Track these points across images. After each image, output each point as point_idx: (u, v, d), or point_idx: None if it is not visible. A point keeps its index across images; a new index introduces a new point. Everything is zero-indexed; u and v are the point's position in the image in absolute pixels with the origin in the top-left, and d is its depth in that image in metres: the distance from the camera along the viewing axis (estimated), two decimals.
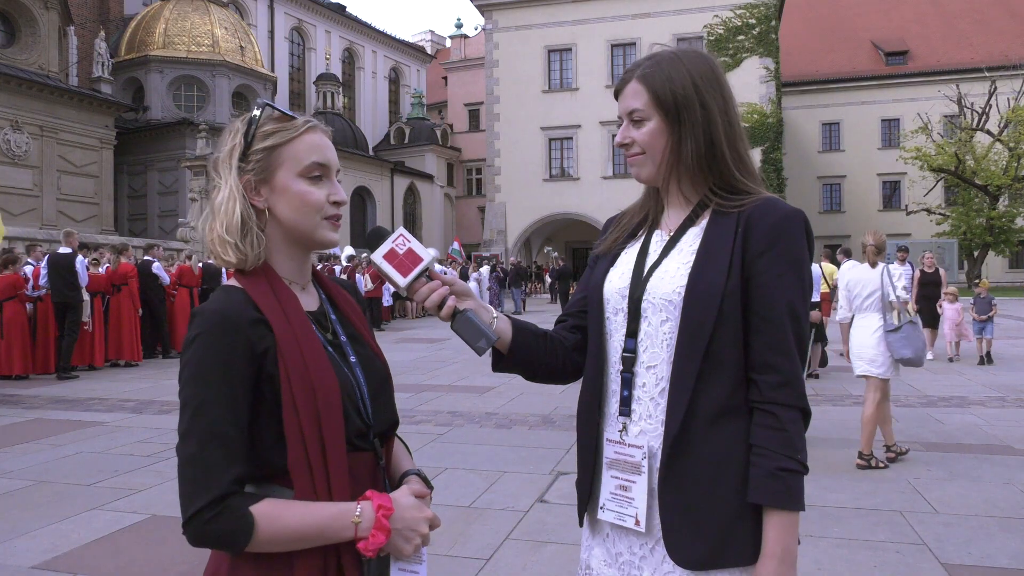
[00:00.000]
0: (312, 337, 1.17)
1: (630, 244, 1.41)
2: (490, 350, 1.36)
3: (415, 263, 1.27)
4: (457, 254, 25.57)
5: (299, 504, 1.11)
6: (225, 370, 1.09)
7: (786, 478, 1.19)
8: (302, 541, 1.10)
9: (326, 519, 1.11)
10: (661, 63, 1.32)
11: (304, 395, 1.11)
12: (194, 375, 1.09)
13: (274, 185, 1.20)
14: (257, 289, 1.17)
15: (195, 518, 1.05)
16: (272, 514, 1.08)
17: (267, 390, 1.12)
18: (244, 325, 1.12)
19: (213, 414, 1.08)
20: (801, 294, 1.25)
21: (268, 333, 1.13)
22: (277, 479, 1.13)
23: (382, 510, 1.14)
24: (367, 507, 1.14)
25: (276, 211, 1.20)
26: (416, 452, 5.78)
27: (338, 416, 1.14)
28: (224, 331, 1.10)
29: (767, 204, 1.27)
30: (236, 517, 1.06)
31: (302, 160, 1.20)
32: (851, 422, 6.70)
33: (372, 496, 1.16)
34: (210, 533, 1.06)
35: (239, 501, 1.07)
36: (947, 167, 32.63)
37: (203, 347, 1.10)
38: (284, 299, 1.18)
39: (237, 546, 1.07)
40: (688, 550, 1.21)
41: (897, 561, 3.58)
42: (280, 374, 1.11)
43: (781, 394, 1.22)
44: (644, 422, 1.29)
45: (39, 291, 10.44)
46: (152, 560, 3.71)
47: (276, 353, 1.12)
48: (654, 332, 1.29)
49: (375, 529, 1.13)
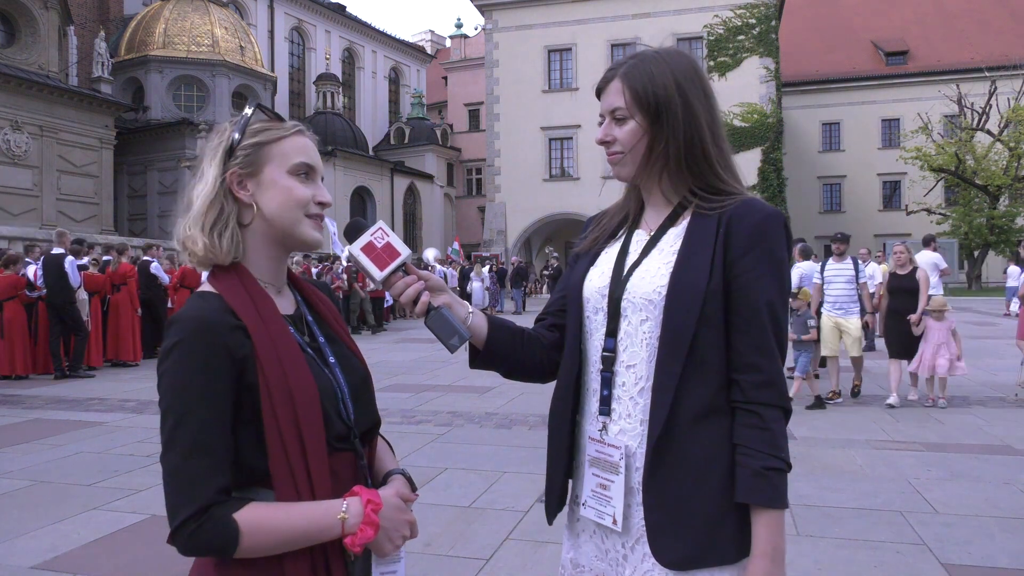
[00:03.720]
0: (290, 342, 1.17)
1: (610, 243, 1.41)
2: (467, 347, 1.37)
3: (392, 257, 1.27)
4: (456, 254, 25.57)
5: (283, 506, 1.10)
6: (206, 378, 1.08)
7: (772, 477, 1.20)
8: (289, 543, 1.10)
9: (311, 519, 1.11)
10: (644, 62, 1.32)
11: (283, 401, 1.11)
12: (175, 384, 1.09)
13: (261, 179, 1.20)
14: (233, 294, 1.16)
15: (181, 529, 1.06)
16: (256, 519, 1.08)
17: (246, 398, 1.11)
18: (223, 332, 1.11)
19: (196, 424, 1.07)
20: (781, 294, 1.26)
21: (247, 340, 1.12)
22: (259, 482, 1.13)
23: (371, 505, 1.14)
24: (354, 503, 1.14)
25: (261, 205, 1.20)
26: (416, 452, 5.78)
27: (318, 420, 1.14)
28: (204, 338, 1.10)
29: (748, 205, 1.28)
30: (220, 526, 1.06)
31: (291, 158, 1.21)
32: (851, 422, 6.71)
33: (360, 491, 1.16)
34: (197, 543, 1.06)
35: (223, 510, 1.07)
36: (947, 167, 32.66)
37: (183, 355, 1.09)
38: (261, 304, 1.17)
39: (225, 553, 1.08)
40: (672, 550, 1.22)
41: (897, 561, 3.58)
42: (259, 381, 1.11)
43: (764, 394, 1.22)
44: (624, 421, 1.29)
45: (39, 291, 10.43)
46: (152, 560, 3.70)
47: (255, 360, 1.12)
48: (634, 331, 1.29)
49: (363, 524, 1.13)
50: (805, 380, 7.56)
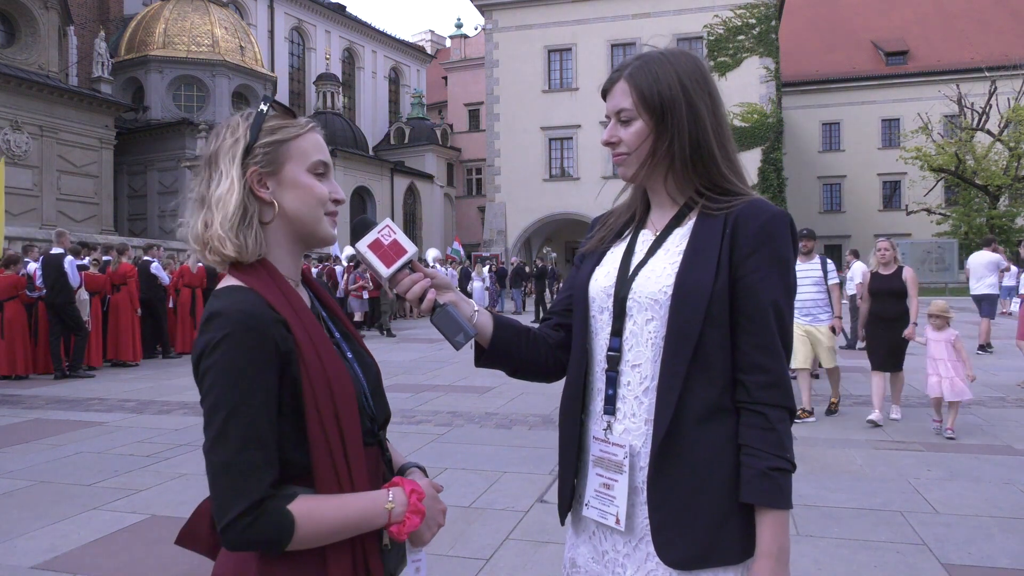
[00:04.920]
0: (323, 336, 1.18)
1: (616, 243, 1.42)
2: (472, 345, 1.37)
3: (399, 255, 1.28)
4: (457, 254, 25.57)
5: (332, 498, 1.11)
6: (258, 371, 1.08)
7: (777, 477, 1.20)
8: (338, 534, 1.11)
9: (360, 508, 1.12)
10: (649, 63, 1.32)
11: (324, 395, 1.12)
12: (225, 377, 1.07)
13: (282, 178, 1.20)
14: (267, 289, 1.16)
15: (234, 524, 1.04)
16: (309, 511, 1.08)
17: (287, 391, 1.11)
18: (269, 325, 1.11)
19: (249, 416, 1.07)
20: (786, 294, 1.26)
21: (288, 334, 1.13)
22: (296, 479, 1.13)
23: (415, 494, 1.16)
24: (399, 492, 1.16)
25: (283, 204, 1.20)
26: (416, 452, 5.78)
27: (355, 413, 1.15)
28: (253, 331, 1.09)
29: (754, 206, 1.28)
30: (276, 519, 1.06)
31: (310, 156, 1.22)
32: (851, 422, 6.70)
33: (401, 482, 1.18)
34: (250, 537, 1.05)
35: (276, 502, 1.07)
36: (947, 167, 32.64)
37: (233, 348, 1.07)
38: (293, 299, 1.17)
39: (279, 547, 1.07)
40: (677, 550, 1.22)
41: (897, 561, 3.58)
42: (301, 376, 1.11)
43: (769, 394, 1.22)
44: (628, 420, 1.30)
45: (39, 292, 10.43)
46: (152, 560, 3.70)
47: (297, 354, 1.12)
48: (639, 331, 1.29)
49: (410, 512, 1.15)
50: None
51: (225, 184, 1.18)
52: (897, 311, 6.63)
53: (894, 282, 6.66)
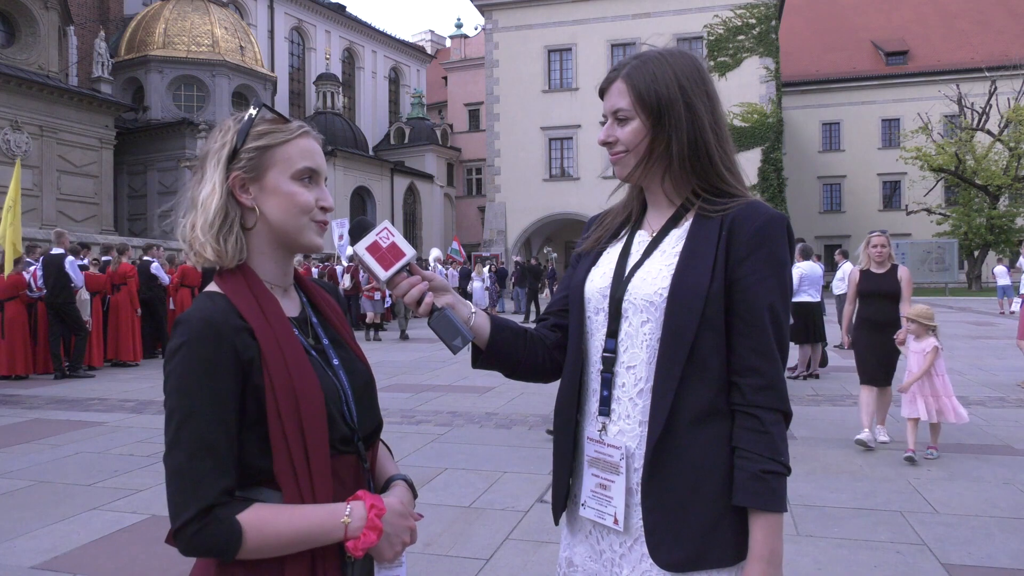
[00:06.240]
0: (295, 344, 1.16)
1: (612, 243, 1.41)
2: (470, 347, 1.37)
3: (397, 257, 1.27)
4: (457, 254, 25.56)
5: (286, 508, 1.10)
6: (212, 379, 1.08)
7: (770, 480, 1.19)
8: (291, 546, 1.10)
9: (314, 521, 1.10)
10: (647, 62, 1.32)
11: (288, 403, 1.11)
12: (181, 384, 1.08)
13: (264, 184, 1.19)
14: (239, 296, 1.15)
15: (183, 530, 1.05)
16: (259, 521, 1.07)
17: (251, 399, 1.11)
18: (229, 333, 1.11)
19: (201, 424, 1.07)
20: (782, 297, 1.26)
21: (252, 342, 1.12)
22: (265, 483, 1.13)
23: (375, 509, 1.14)
24: (358, 507, 1.13)
25: (264, 211, 1.19)
26: (416, 452, 5.78)
27: (322, 423, 1.13)
28: (210, 339, 1.09)
29: (751, 208, 1.27)
30: (223, 527, 1.06)
31: (295, 163, 1.20)
32: (851, 422, 6.70)
33: (363, 496, 1.15)
34: (199, 544, 1.06)
35: (226, 511, 1.06)
36: (947, 167, 32.68)
37: (189, 355, 1.08)
38: (266, 306, 1.17)
39: (227, 555, 1.07)
40: (671, 552, 1.22)
41: (897, 561, 3.58)
42: (264, 383, 1.11)
43: (764, 397, 1.22)
44: (623, 422, 1.29)
45: (39, 292, 10.44)
46: (152, 560, 3.70)
47: (261, 362, 1.11)
48: (634, 333, 1.29)
49: (367, 528, 1.12)
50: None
51: (207, 188, 1.18)
52: (890, 316, 5.77)
53: (888, 283, 5.81)
